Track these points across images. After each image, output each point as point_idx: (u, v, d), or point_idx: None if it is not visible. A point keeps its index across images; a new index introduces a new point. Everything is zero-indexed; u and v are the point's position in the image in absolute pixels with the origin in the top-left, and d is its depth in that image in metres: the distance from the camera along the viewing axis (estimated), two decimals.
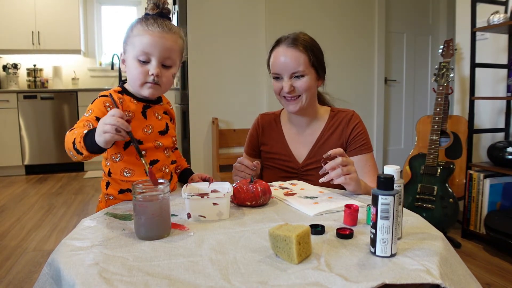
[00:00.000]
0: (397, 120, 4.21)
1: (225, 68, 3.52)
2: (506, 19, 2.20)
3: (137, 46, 1.01)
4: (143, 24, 1.02)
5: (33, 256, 2.15)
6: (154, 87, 1.04)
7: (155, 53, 1.01)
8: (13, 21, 4.50)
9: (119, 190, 1.08)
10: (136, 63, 1.02)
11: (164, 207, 0.80)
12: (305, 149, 1.39)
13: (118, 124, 0.84)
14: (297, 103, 1.31)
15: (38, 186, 3.88)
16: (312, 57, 1.28)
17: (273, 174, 1.43)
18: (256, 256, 0.69)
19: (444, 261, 0.69)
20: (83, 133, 0.91)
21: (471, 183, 2.34)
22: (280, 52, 1.29)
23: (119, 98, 1.05)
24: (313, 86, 1.31)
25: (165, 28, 1.02)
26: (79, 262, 0.67)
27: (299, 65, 1.26)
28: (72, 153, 0.94)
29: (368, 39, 3.89)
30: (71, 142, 0.92)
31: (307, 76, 1.28)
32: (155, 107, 1.12)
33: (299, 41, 1.28)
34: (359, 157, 1.33)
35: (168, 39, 1.02)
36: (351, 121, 1.37)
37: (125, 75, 1.11)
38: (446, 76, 2.50)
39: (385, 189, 0.69)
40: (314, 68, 1.30)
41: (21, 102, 4.34)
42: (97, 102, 1.04)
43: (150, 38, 1.00)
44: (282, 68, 1.28)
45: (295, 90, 1.29)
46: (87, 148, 0.90)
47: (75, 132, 0.94)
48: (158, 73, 1.02)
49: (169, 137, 1.14)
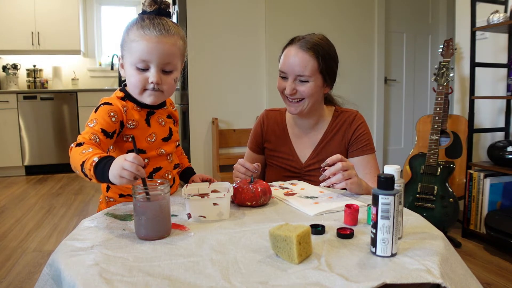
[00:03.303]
0: (397, 119, 4.21)
1: (225, 68, 3.52)
2: (505, 19, 2.20)
3: (134, 53, 0.95)
4: (139, 28, 0.95)
5: (33, 257, 2.15)
6: (155, 94, 0.99)
7: (153, 60, 0.95)
8: (13, 21, 4.50)
9: (119, 194, 1.08)
10: (134, 71, 0.97)
11: (164, 207, 0.79)
12: (309, 149, 1.39)
13: (138, 174, 0.80)
14: (298, 106, 1.30)
15: (38, 186, 3.88)
16: (322, 64, 1.25)
17: (275, 173, 1.42)
18: (256, 256, 0.69)
19: (445, 260, 0.69)
20: (93, 161, 0.84)
21: (471, 183, 2.34)
22: (291, 52, 1.27)
23: (123, 106, 1.00)
24: (317, 92, 1.29)
25: (163, 30, 0.95)
26: (80, 262, 0.67)
27: (305, 70, 1.24)
28: (79, 172, 0.88)
29: (368, 39, 3.89)
30: (79, 164, 0.86)
31: (312, 82, 1.26)
32: (158, 112, 1.08)
33: (312, 45, 1.25)
34: (361, 158, 1.33)
35: (166, 43, 0.95)
36: (354, 121, 1.36)
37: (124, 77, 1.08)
38: (446, 76, 2.50)
39: (385, 188, 0.69)
40: (321, 74, 1.27)
41: (21, 102, 4.34)
42: (101, 111, 0.97)
43: (146, 45, 0.94)
44: (288, 69, 1.27)
45: (297, 93, 1.28)
46: (96, 177, 0.84)
47: (82, 152, 0.87)
48: (158, 81, 0.96)
49: (172, 142, 1.11)
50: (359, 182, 1.09)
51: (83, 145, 0.90)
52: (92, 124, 0.96)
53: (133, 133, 1.01)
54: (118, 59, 1.05)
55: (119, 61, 1.04)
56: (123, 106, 1.00)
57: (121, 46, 1.01)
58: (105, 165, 0.82)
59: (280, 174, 1.40)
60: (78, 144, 0.91)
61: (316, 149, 1.38)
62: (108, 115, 0.97)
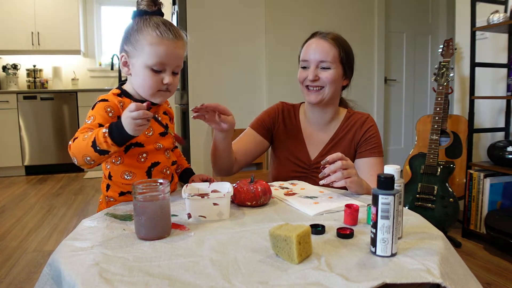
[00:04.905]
0: (397, 119, 4.21)
1: (225, 68, 3.52)
2: (505, 19, 2.20)
3: (152, 55, 0.98)
4: (155, 30, 0.98)
5: (33, 257, 2.15)
6: (165, 95, 1.05)
7: (170, 63, 1.00)
8: (13, 21, 4.50)
9: (119, 192, 1.08)
10: (149, 72, 1.00)
11: (164, 207, 0.80)
12: (318, 147, 1.40)
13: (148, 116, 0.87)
14: (319, 94, 1.32)
15: (38, 186, 3.88)
16: (342, 53, 1.31)
17: (283, 167, 1.42)
18: (256, 256, 0.69)
19: (445, 260, 0.69)
20: (105, 132, 0.89)
21: (471, 183, 2.34)
22: (312, 42, 1.32)
23: (120, 101, 1.03)
24: (337, 80, 1.32)
25: (176, 35, 1.00)
26: (80, 262, 0.67)
27: (328, 56, 1.29)
28: (90, 157, 0.91)
29: (368, 38, 3.89)
30: (89, 145, 0.89)
31: (334, 70, 1.30)
32: (154, 108, 1.11)
33: (333, 36, 1.32)
34: (367, 160, 1.33)
35: (180, 47, 1.01)
36: (365, 123, 1.37)
37: (125, 76, 1.08)
38: (446, 76, 2.50)
39: (385, 188, 0.69)
40: (342, 64, 1.32)
41: (21, 102, 4.34)
42: (98, 107, 1.00)
43: (166, 49, 0.98)
44: (310, 55, 1.30)
45: (319, 80, 1.30)
46: (115, 142, 0.89)
47: (85, 137, 0.91)
48: (172, 82, 1.02)
49: (169, 138, 1.13)
50: (359, 181, 1.09)
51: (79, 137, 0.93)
52: (89, 121, 0.99)
53: None
54: (120, 57, 1.05)
55: (122, 59, 1.04)
56: (119, 102, 1.03)
57: (127, 43, 1.01)
58: (118, 128, 0.88)
59: (289, 169, 1.40)
60: (75, 139, 0.94)
61: (326, 147, 1.39)
62: (105, 111, 1.00)
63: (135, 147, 1.04)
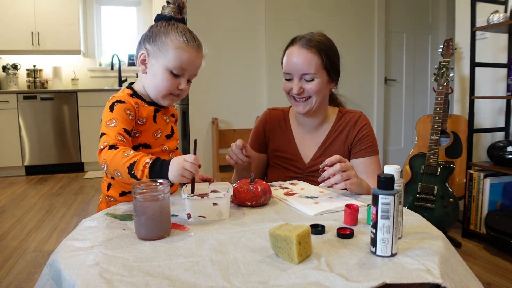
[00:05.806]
0: (397, 119, 4.21)
1: (225, 68, 3.52)
2: (505, 19, 2.20)
3: (175, 59, 1.00)
4: (182, 36, 1.01)
5: (33, 257, 2.15)
6: (174, 99, 1.07)
7: (190, 70, 1.04)
8: (13, 21, 4.50)
9: (120, 192, 1.08)
10: (168, 75, 1.02)
11: (164, 207, 0.80)
12: (312, 150, 1.39)
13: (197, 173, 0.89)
14: (306, 105, 1.30)
15: (38, 186, 3.88)
16: (325, 60, 1.26)
17: (278, 173, 1.42)
18: (256, 256, 0.69)
19: (445, 260, 0.69)
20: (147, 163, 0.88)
21: (471, 183, 2.34)
22: (293, 52, 1.27)
23: (135, 103, 1.03)
24: (323, 89, 1.29)
25: (199, 45, 1.05)
26: (80, 262, 0.67)
27: (310, 68, 1.25)
28: (120, 174, 0.91)
29: (367, 38, 3.89)
30: (126, 166, 0.89)
31: (318, 79, 1.26)
32: (163, 110, 1.12)
33: (313, 42, 1.26)
34: (363, 160, 1.32)
35: (200, 57, 1.06)
36: (358, 122, 1.36)
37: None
38: (446, 76, 2.50)
39: (385, 188, 0.69)
40: (326, 70, 1.28)
41: (21, 102, 4.34)
42: (117, 110, 0.99)
43: (189, 56, 1.02)
44: (293, 69, 1.27)
45: (304, 91, 1.28)
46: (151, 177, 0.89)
47: (124, 155, 0.90)
48: (185, 89, 1.05)
49: (174, 140, 1.15)
50: (359, 182, 1.09)
51: (117, 147, 0.92)
52: (112, 124, 0.97)
53: (141, 129, 1.04)
54: (140, 54, 1.05)
55: (141, 56, 1.04)
56: (135, 103, 1.04)
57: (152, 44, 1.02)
58: (162, 166, 0.89)
59: (283, 174, 1.40)
60: (111, 147, 0.92)
61: (319, 149, 1.37)
62: (126, 113, 1.00)
63: (143, 148, 1.05)
